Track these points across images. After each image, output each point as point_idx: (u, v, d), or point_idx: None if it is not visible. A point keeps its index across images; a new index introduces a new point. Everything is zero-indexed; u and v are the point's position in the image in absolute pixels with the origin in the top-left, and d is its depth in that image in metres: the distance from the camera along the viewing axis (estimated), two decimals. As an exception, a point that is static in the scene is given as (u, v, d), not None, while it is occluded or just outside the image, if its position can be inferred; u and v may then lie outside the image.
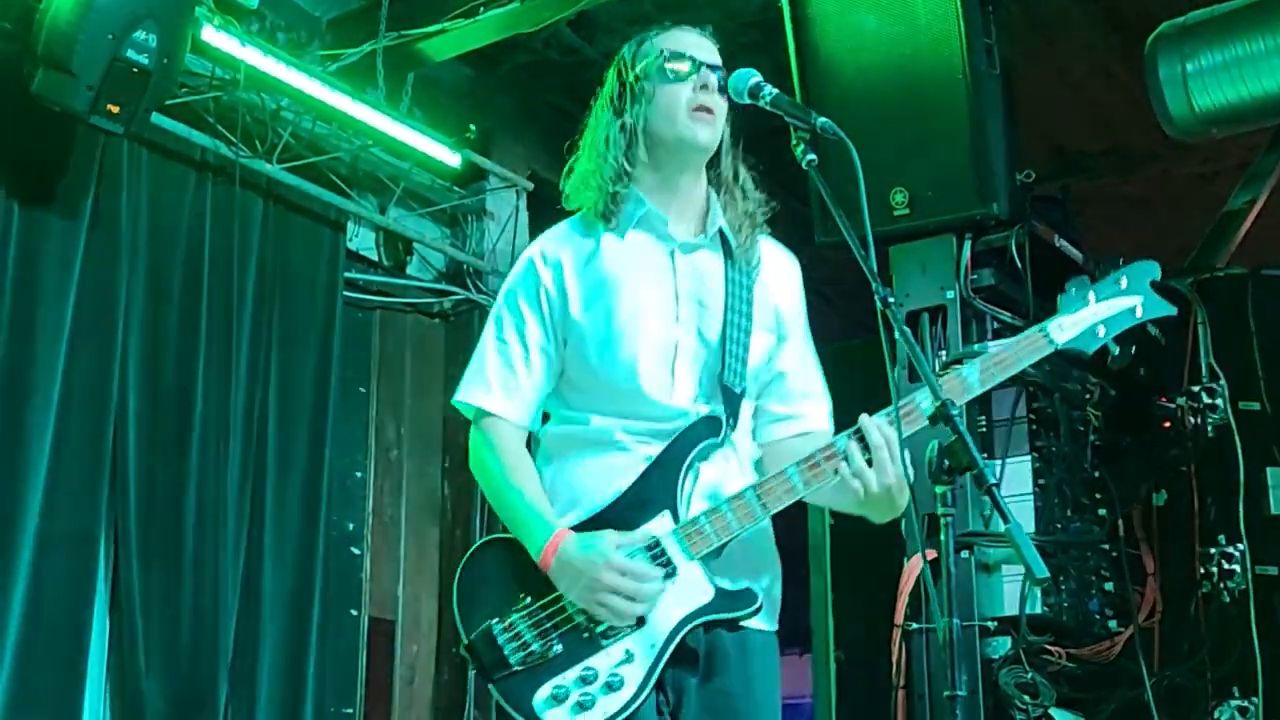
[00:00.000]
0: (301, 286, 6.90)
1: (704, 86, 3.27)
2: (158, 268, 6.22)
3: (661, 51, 3.29)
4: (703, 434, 3.13)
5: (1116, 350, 3.23)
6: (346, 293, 7.16)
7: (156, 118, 5.84)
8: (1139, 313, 3.26)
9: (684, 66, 3.27)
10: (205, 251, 6.40)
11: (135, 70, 5.32)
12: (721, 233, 3.32)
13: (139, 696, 5.83)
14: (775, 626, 3.24)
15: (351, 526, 7.14)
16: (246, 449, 6.45)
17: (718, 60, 3.35)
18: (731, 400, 3.19)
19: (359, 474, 7.27)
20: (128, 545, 5.90)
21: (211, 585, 6.13)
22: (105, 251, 5.98)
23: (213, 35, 5.92)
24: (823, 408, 3.41)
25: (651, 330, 3.19)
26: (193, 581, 6.09)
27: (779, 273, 3.42)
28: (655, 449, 3.13)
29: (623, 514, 3.08)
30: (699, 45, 3.35)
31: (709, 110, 3.27)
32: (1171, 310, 3.32)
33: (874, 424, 3.03)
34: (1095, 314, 3.21)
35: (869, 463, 3.01)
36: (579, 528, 3.07)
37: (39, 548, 5.55)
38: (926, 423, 3.00)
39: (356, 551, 7.15)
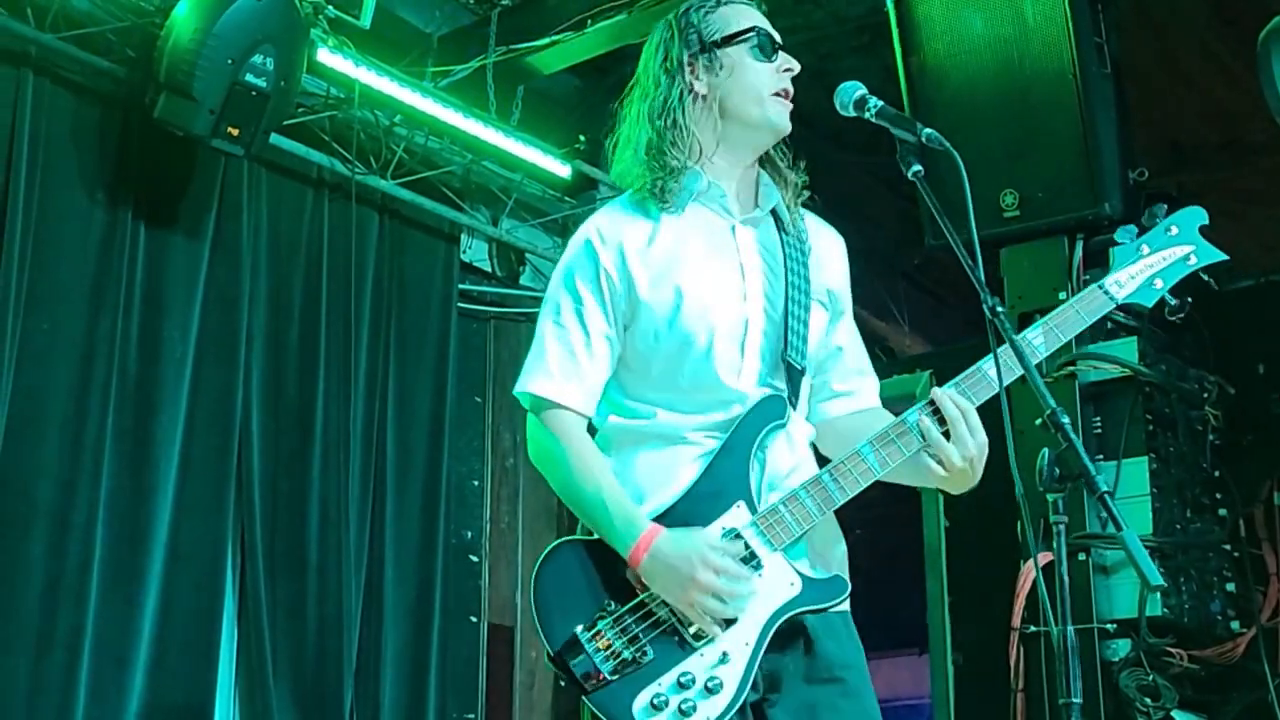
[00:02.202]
0: (417, 299, 7.02)
1: (787, 69, 3.21)
2: (278, 284, 6.38)
3: (754, 28, 3.22)
4: (767, 416, 3.03)
5: (1174, 301, 3.17)
6: (461, 304, 7.27)
7: (274, 138, 5.98)
8: (1192, 260, 3.19)
9: (772, 47, 3.21)
10: (323, 267, 6.54)
11: (254, 93, 5.46)
12: (774, 209, 3.25)
13: (266, 702, 5.95)
14: (848, 606, 3.10)
15: (470, 534, 7.24)
16: (366, 459, 6.57)
17: (772, 30, 3.27)
18: (794, 378, 3.10)
19: (476, 482, 7.36)
20: (254, 556, 6.03)
21: (335, 593, 6.25)
22: (227, 270, 6.14)
23: (327, 56, 6.05)
24: (874, 384, 3.33)
25: (722, 308, 3.08)
26: (317, 590, 6.22)
27: (828, 248, 3.33)
28: (719, 440, 3.03)
29: (695, 506, 2.97)
30: (763, 22, 3.27)
31: (789, 93, 3.22)
32: (1223, 256, 3.22)
33: (947, 396, 2.97)
34: (1149, 266, 3.14)
35: (946, 436, 2.95)
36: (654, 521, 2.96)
37: (169, 560, 5.71)
38: (997, 389, 2.96)
39: (475, 559, 7.24)
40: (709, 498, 2.98)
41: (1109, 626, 5.25)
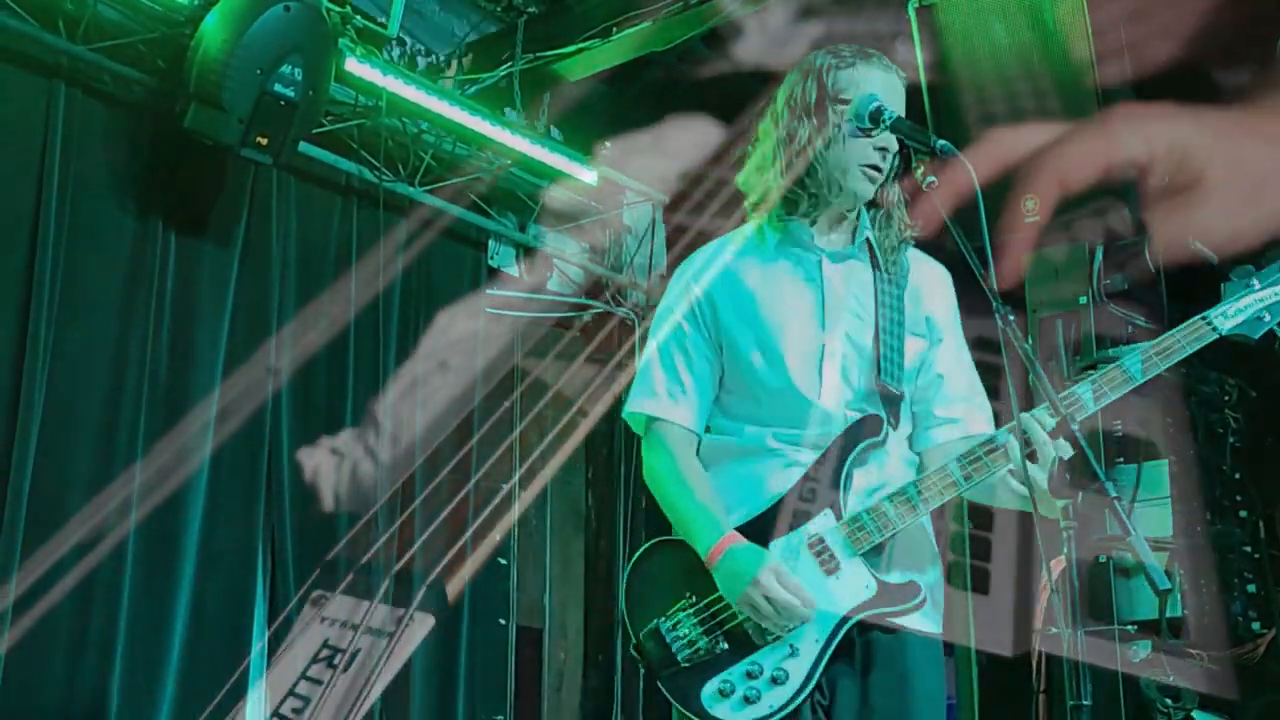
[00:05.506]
0: (445, 304, 7.07)
1: (881, 148, 3.24)
2: (307, 291, 6.44)
3: (872, 102, 3.21)
4: (863, 434, 3.16)
5: None
6: (488, 309, 7.32)
7: (303, 146, 6.04)
8: None
9: (874, 120, 3.20)
10: (352, 274, 6.61)
11: (283, 103, 5.53)
12: (869, 242, 3.35)
13: (297, 705, 6.02)
14: (939, 630, 3.20)
15: (498, 537, 7.28)
16: (395, 464, 6.63)
17: (902, 98, 3.32)
18: (891, 400, 3.21)
19: (504, 485, 7.41)
20: (284, 559, 6.11)
21: (365, 597, 6.30)
22: (257, 277, 6.21)
23: (355, 65, 6.11)
24: (984, 411, 3.38)
25: (797, 336, 3.23)
26: (347, 593, 6.27)
27: (929, 281, 3.42)
28: (805, 455, 3.17)
29: (786, 512, 3.14)
30: (893, 90, 3.29)
31: (879, 170, 3.26)
32: None
33: (1036, 421, 3.02)
34: (1259, 299, 3.15)
35: (1033, 458, 3.00)
36: (742, 528, 3.13)
37: (200, 565, 5.79)
38: (1090, 410, 3.02)
39: (503, 561, 7.29)
40: (800, 504, 3.15)
41: (1130, 627, 5.26)
